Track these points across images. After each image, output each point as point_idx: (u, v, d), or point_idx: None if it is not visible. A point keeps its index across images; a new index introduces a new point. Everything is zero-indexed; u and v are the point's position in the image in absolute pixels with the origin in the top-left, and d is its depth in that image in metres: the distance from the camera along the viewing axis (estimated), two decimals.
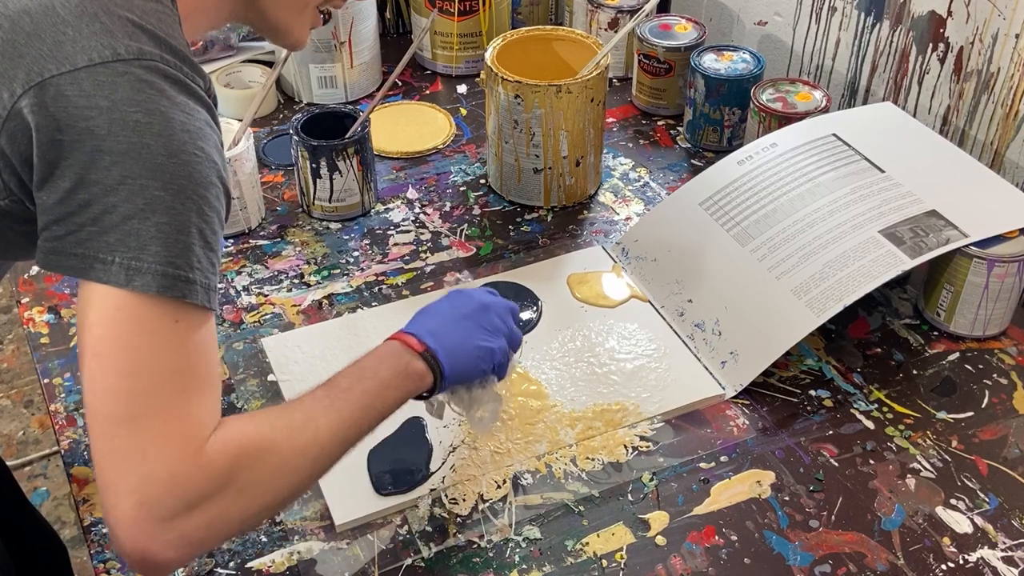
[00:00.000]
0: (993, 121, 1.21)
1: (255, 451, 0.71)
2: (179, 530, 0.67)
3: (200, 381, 0.70)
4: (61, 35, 0.70)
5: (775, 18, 1.48)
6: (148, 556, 0.67)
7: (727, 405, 1.04)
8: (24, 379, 2.27)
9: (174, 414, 0.68)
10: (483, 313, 0.89)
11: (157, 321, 0.68)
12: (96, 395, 0.68)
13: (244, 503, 0.71)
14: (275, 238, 1.25)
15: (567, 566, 0.90)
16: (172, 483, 0.67)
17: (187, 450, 0.68)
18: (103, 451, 0.67)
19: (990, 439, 1.01)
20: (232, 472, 0.69)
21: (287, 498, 0.75)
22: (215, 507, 0.69)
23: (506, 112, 1.24)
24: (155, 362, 0.68)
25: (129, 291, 0.67)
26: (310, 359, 1.08)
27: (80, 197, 0.68)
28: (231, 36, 1.48)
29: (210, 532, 0.69)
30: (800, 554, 0.90)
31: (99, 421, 0.68)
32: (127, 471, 0.67)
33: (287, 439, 0.74)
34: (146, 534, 0.66)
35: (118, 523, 0.67)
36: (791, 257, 1.08)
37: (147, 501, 0.66)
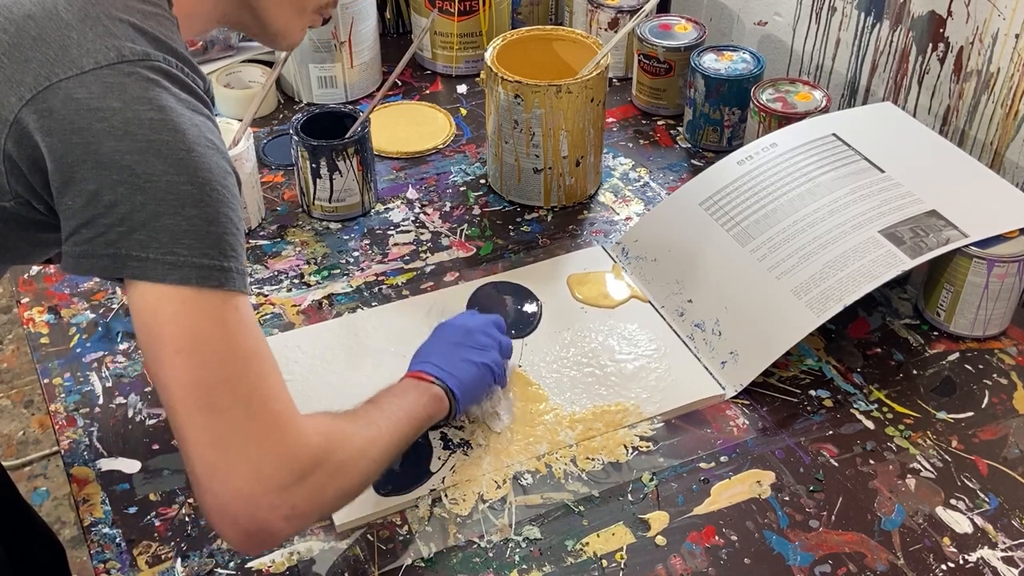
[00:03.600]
0: (993, 121, 1.21)
1: (340, 436, 0.78)
2: (292, 500, 0.72)
3: (271, 360, 0.74)
4: (66, 39, 0.71)
5: (775, 18, 1.48)
6: (264, 527, 0.71)
7: (727, 405, 1.04)
8: (24, 379, 2.27)
9: (264, 394, 0.72)
10: (469, 336, 0.98)
11: (221, 310, 0.71)
12: (184, 389, 0.70)
13: (338, 480, 0.76)
14: (275, 238, 1.25)
15: (567, 566, 0.90)
16: (283, 456, 0.71)
17: (289, 426, 0.72)
18: (202, 440, 0.70)
19: (990, 439, 1.01)
20: (327, 451, 0.75)
21: (361, 484, 0.81)
22: (318, 480, 0.73)
23: (506, 112, 1.24)
24: (231, 349, 0.71)
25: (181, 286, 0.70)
26: (310, 359, 1.08)
27: (106, 198, 0.69)
28: (231, 36, 1.48)
29: (312, 504, 0.74)
30: (800, 554, 0.90)
31: (192, 413, 0.70)
32: (236, 452, 0.70)
33: (358, 431, 0.81)
34: (264, 505, 0.71)
35: (234, 499, 0.70)
36: (791, 257, 1.08)
37: (262, 475, 0.70)
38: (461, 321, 1.00)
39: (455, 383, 0.94)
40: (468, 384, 0.95)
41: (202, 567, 0.90)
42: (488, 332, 0.99)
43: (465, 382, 0.95)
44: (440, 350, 0.96)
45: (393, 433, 0.84)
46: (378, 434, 0.82)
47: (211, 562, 0.90)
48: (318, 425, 0.76)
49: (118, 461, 0.99)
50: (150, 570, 0.90)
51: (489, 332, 1.00)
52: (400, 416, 0.86)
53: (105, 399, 1.05)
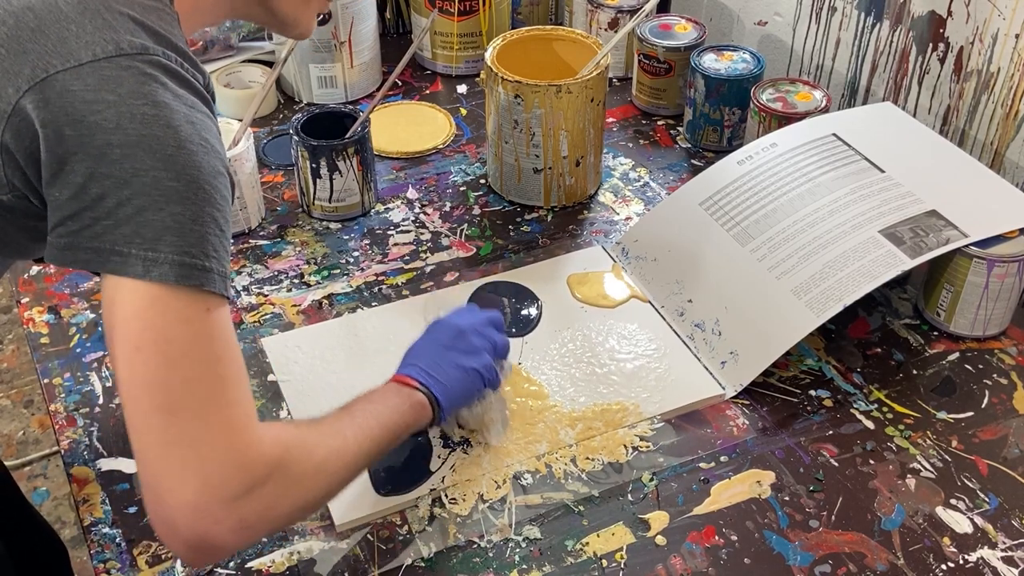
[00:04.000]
0: (993, 121, 1.21)
1: (299, 446, 0.74)
2: (239, 513, 0.69)
3: (237, 368, 0.72)
4: (65, 31, 0.71)
5: (775, 18, 1.48)
6: (208, 539, 0.68)
7: (727, 405, 1.04)
8: (24, 379, 2.27)
9: (222, 401, 0.70)
10: (461, 338, 0.94)
11: (189, 311, 0.70)
12: (140, 388, 0.69)
13: (292, 494, 0.73)
14: (275, 238, 1.25)
15: (567, 566, 0.90)
16: (233, 465, 0.69)
17: (242, 434, 0.70)
18: (154, 442, 0.68)
19: (990, 439, 1.01)
20: (283, 462, 0.72)
21: (321, 498, 0.78)
22: (270, 493, 0.70)
23: (506, 112, 1.24)
24: (194, 351, 0.69)
25: (154, 283, 0.68)
26: (310, 359, 1.08)
27: (93, 191, 0.69)
28: (231, 36, 1.48)
29: (263, 519, 0.71)
30: (800, 554, 0.90)
31: (146, 413, 0.69)
32: (185, 458, 0.68)
33: (322, 441, 0.77)
34: (209, 517, 0.68)
35: (178, 508, 0.67)
36: (791, 257, 1.08)
37: (210, 484, 0.68)
38: (455, 320, 0.97)
39: (440, 389, 0.90)
40: (454, 390, 0.92)
41: (202, 567, 0.90)
42: (482, 332, 0.96)
43: (451, 388, 0.91)
44: (429, 352, 0.93)
45: (361, 444, 0.80)
46: (343, 445, 0.79)
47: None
48: (277, 435, 0.73)
49: (118, 461, 0.99)
50: (150, 570, 0.90)
51: (484, 332, 0.96)
52: (371, 425, 0.83)
53: (105, 399, 1.05)
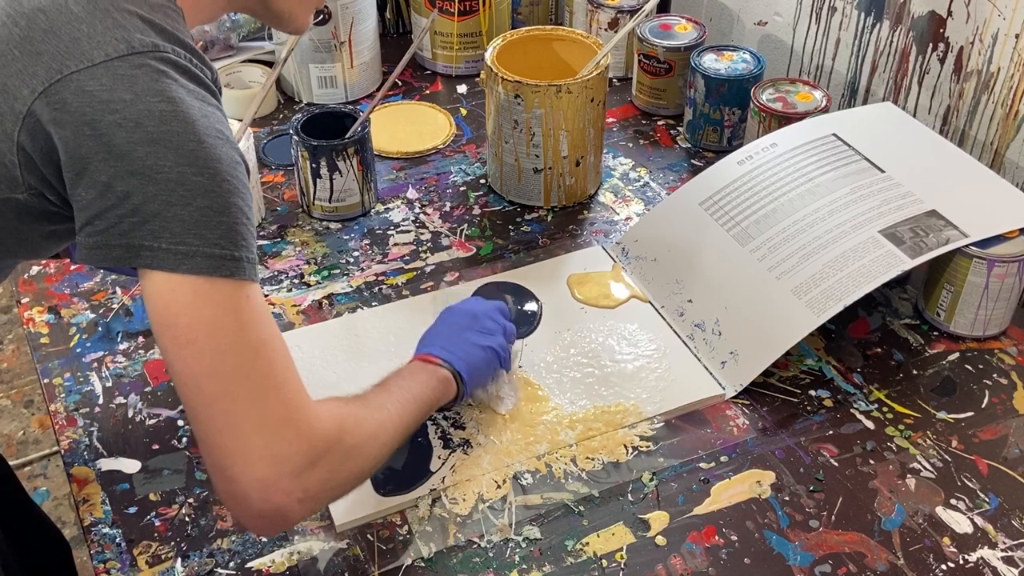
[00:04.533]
0: (993, 121, 1.21)
1: (352, 420, 0.79)
2: (305, 484, 0.73)
3: (282, 348, 0.75)
4: (76, 32, 0.72)
5: (775, 18, 1.48)
6: (280, 510, 0.73)
7: (727, 405, 1.04)
8: (24, 379, 2.27)
9: (277, 382, 0.73)
10: (475, 320, 0.99)
11: (233, 300, 0.72)
12: (197, 379, 0.72)
13: (350, 464, 0.78)
14: (275, 238, 1.25)
15: (567, 566, 0.90)
16: (297, 442, 0.73)
17: (302, 413, 0.74)
18: (218, 428, 0.72)
19: (990, 439, 1.01)
20: (340, 435, 0.76)
21: (373, 466, 0.82)
22: (330, 464, 0.75)
23: (506, 112, 1.24)
24: (243, 338, 0.72)
25: (192, 276, 0.71)
26: (310, 359, 1.08)
27: (118, 190, 0.70)
28: (231, 36, 1.48)
29: (325, 488, 0.76)
30: (800, 554, 0.90)
31: (207, 403, 0.72)
32: (252, 439, 0.72)
33: (370, 415, 0.82)
34: (280, 490, 0.72)
35: (251, 486, 0.72)
36: (791, 257, 1.08)
37: (278, 461, 0.72)
38: (467, 306, 1.02)
39: (463, 366, 0.95)
40: (475, 367, 0.96)
41: (202, 567, 0.90)
42: (493, 317, 1.01)
43: (472, 365, 0.96)
44: (447, 334, 0.98)
45: (403, 416, 0.85)
46: (388, 417, 0.83)
47: (211, 562, 0.90)
48: (330, 410, 0.77)
49: (118, 461, 0.99)
50: (150, 570, 0.90)
51: (494, 317, 1.01)
52: (408, 399, 0.87)
53: (105, 399, 1.05)
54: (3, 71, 0.72)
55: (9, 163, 0.73)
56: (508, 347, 1.02)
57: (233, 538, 0.92)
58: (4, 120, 0.72)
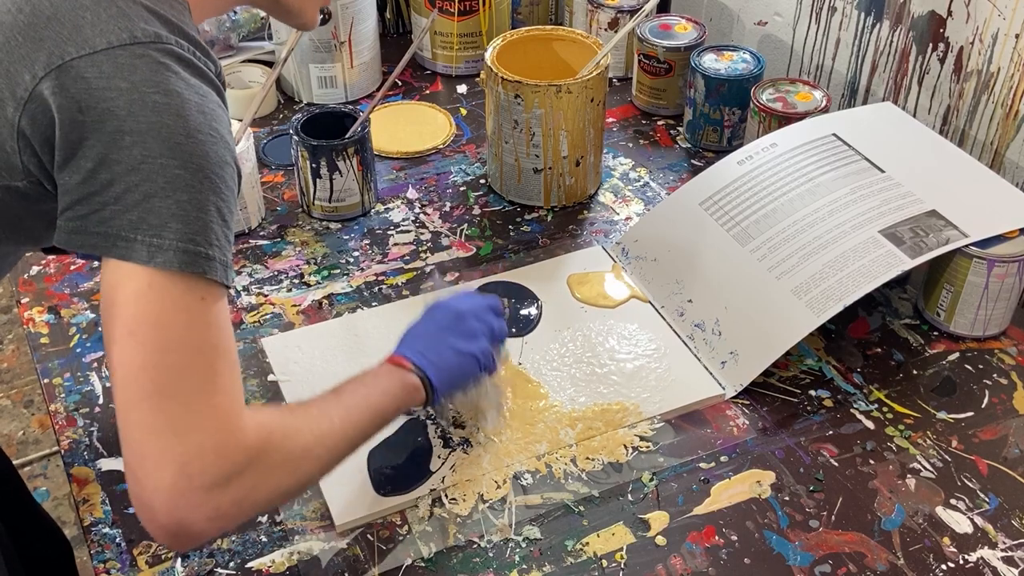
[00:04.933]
0: (993, 121, 1.21)
1: (283, 433, 0.75)
2: (215, 502, 0.70)
3: (228, 356, 0.73)
4: (80, 19, 0.72)
5: (775, 18, 1.48)
6: (183, 525, 0.69)
7: (727, 405, 1.04)
8: (24, 379, 2.27)
9: (210, 388, 0.70)
10: (459, 322, 0.94)
11: (186, 298, 0.71)
12: (130, 371, 0.69)
13: (272, 481, 0.74)
14: (275, 238, 1.25)
15: (567, 566, 0.90)
16: (214, 455, 0.69)
17: (226, 424, 0.71)
18: (139, 425, 0.69)
19: (990, 439, 1.01)
20: (264, 450, 0.72)
21: (304, 483, 0.78)
22: (248, 482, 0.71)
23: (506, 112, 1.24)
24: (188, 338, 0.70)
25: (155, 268, 0.70)
26: (310, 359, 1.08)
27: (102, 177, 0.70)
28: (231, 36, 1.48)
29: (240, 507, 0.72)
30: (800, 554, 0.90)
31: (134, 397, 0.69)
32: (168, 443, 0.69)
33: (307, 427, 0.77)
34: (185, 503, 0.68)
35: (156, 493, 0.68)
36: (791, 257, 1.08)
37: (189, 471, 0.68)
38: (454, 303, 0.96)
39: (434, 371, 0.90)
40: (448, 373, 0.91)
41: (202, 567, 0.90)
42: (481, 316, 0.95)
43: (445, 371, 0.91)
44: (426, 333, 0.93)
45: (348, 428, 0.81)
46: (329, 430, 0.79)
47: (211, 562, 0.90)
48: (262, 422, 0.74)
49: (118, 461, 0.99)
50: (150, 570, 0.90)
51: (482, 316, 0.96)
52: (361, 409, 0.83)
53: (105, 399, 1.05)
54: (7, 57, 0.72)
55: (10, 149, 0.73)
56: (493, 351, 0.96)
57: (233, 538, 0.92)
58: (6, 105, 0.72)
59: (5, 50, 0.72)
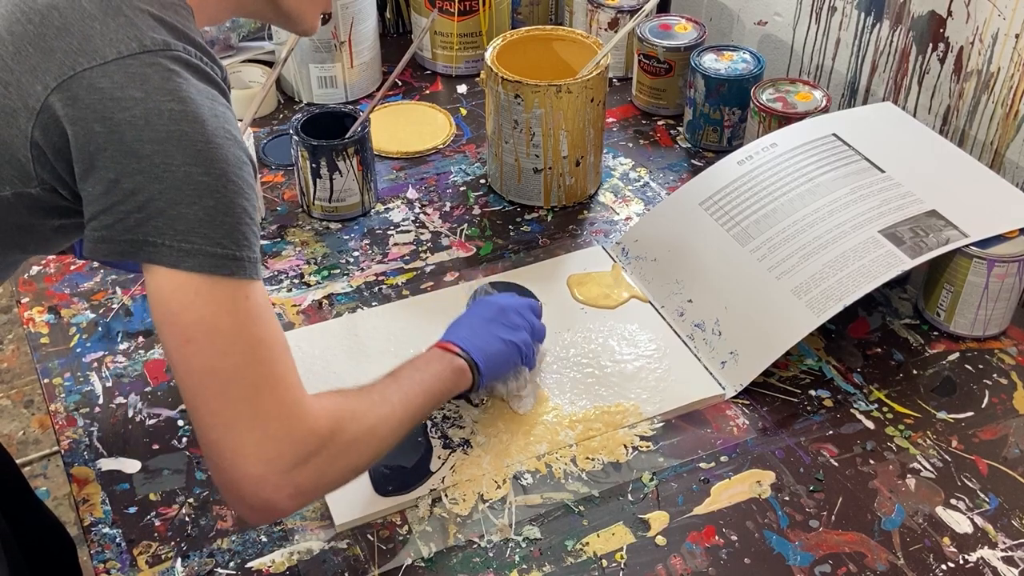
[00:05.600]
0: (993, 121, 1.21)
1: (348, 416, 0.80)
2: (295, 481, 0.75)
3: (280, 346, 0.76)
4: (89, 29, 0.73)
5: (775, 18, 1.48)
6: (271, 505, 0.75)
7: (727, 405, 1.04)
8: (24, 379, 2.27)
9: (273, 382, 0.75)
10: (503, 314, 1.00)
11: (231, 300, 0.73)
12: (195, 376, 0.73)
13: (342, 461, 0.79)
14: (275, 238, 1.25)
15: (567, 566, 0.90)
16: (287, 442, 0.75)
17: (292, 412, 0.75)
18: (212, 425, 0.74)
19: (990, 439, 1.01)
20: (333, 432, 0.77)
21: (370, 460, 0.83)
22: (321, 462, 0.77)
23: (506, 112, 1.24)
24: (243, 338, 0.74)
25: (194, 274, 0.72)
26: (310, 359, 1.08)
27: (125, 186, 0.72)
28: (231, 36, 1.48)
29: (317, 484, 0.78)
30: (800, 554, 0.90)
31: (203, 399, 0.74)
32: (244, 436, 0.73)
33: (370, 409, 0.83)
34: (271, 486, 0.74)
35: (242, 481, 0.74)
36: (791, 257, 1.08)
37: (268, 459, 0.74)
38: (497, 299, 1.03)
39: (480, 356, 0.95)
40: (493, 359, 0.97)
41: (202, 567, 0.90)
42: (522, 313, 1.02)
43: (491, 356, 0.96)
44: (471, 323, 0.99)
45: (406, 409, 0.86)
46: (391, 411, 0.84)
47: (211, 562, 0.90)
48: (327, 406, 0.78)
49: (118, 461, 0.99)
50: (150, 570, 0.90)
51: (523, 314, 1.02)
52: (416, 391, 0.88)
53: (105, 399, 1.05)
54: (17, 68, 0.73)
55: (23, 158, 0.74)
56: (534, 345, 1.02)
57: (233, 538, 0.92)
58: (18, 116, 0.73)
59: (16, 60, 0.73)
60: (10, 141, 0.74)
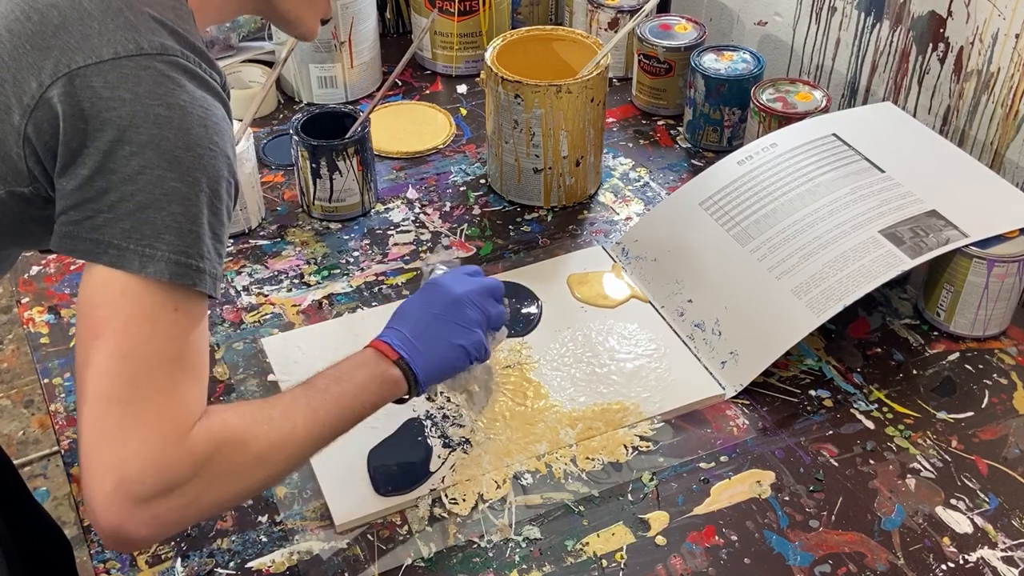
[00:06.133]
0: (993, 121, 1.21)
1: (235, 441, 0.73)
2: (154, 511, 0.69)
3: (191, 369, 0.72)
4: (88, 28, 0.73)
5: (775, 18, 1.48)
6: (121, 533, 0.69)
7: (727, 405, 1.04)
8: (24, 379, 2.27)
9: (164, 399, 0.70)
10: (455, 308, 0.90)
11: (157, 307, 0.71)
12: (91, 374, 0.70)
13: (218, 490, 0.73)
14: (275, 238, 1.25)
15: (567, 566, 0.90)
16: (154, 466, 0.69)
17: (172, 435, 0.70)
18: (90, 429, 0.69)
19: (990, 439, 1.01)
20: (212, 459, 0.72)
21: (257, 488, 0.78)
22: (191, 492, 0.71)
23: (506, 112, 1.24)
24: (152, 347, 0.71)
25: (137, 276, 0.70)
26: (310, 359, 1.08)
27: (98, 184, 0.71)
28: (231, 36, 1.48)
29: (182, 515, 0.72)
30: (800, 554, 0.90)
31: (89, 400, 0.70)
32: (111, 450, 0.69)
33: (266, 432, 0.76)
34: (122, 512, 0.69)
35: (95, 498, 0.69)
36: (791, 257, 1.08)
37: (126, 481, 0.68)
38: (451, 286, 0.92)
39: (421, 362, 0.87)
40: (436, 366, 0.88)
41: (202, 567, 0.90)
42: (478, 302, 0.92)
43: (432, 363, 0.88)
44: (417, 318, 0.89)
45: (311, 430, 0.79)
46: (290, 434, 0.77)
47: (211, 562, 0.90)
48: (213, 429, 0.72)
49: None
50: (150, 570, 0.90)
51: (479, 302, 0.92)
52: (329, 407, 0.80)
53: None
54: (15, 64, 0.73)
55: (16, 155, 0.74)
56: (489, 337, 0.93)
57: (233, 538, 0.92)
58: (12, 112, 0.73)
59: (13, 58, 0.73)
60: (3, 138, 0.74)
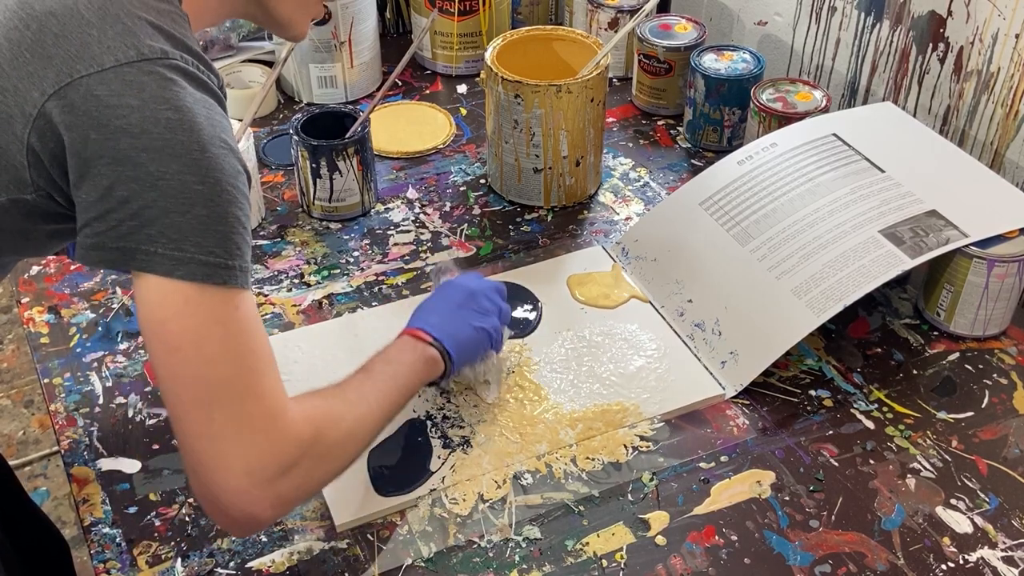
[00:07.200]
0: (993, 121, 1.21)
1: (329, 421, 0.80)
2: (277, 491, 0.75)
3: (266, 356, 0.76)
4: (87, 36, 0.73)
5: (775, 18, 1.48)
6: (253, 516, 0.75)
7: (727, 405, 1.04)
8: (24, 379, 2.27)
9: (256, 392, 0.75)
10: (473, 299, 0.99)
11: (221, 310, 0.73)
12: (180, 385, 0.73)
13: (324, 465, 0.80)
14: (275, 238, 1.25)
15: (567, 566, 0.90)
16: (271, 452, 0.75)
17: (277, 422, 0.75)
18: (198, 434, 0.74)
19: (990, 439, 1.01)
20: (315, 439, 0.77)
21: (350, 461, 0.84)
22: (303, 469, 0.77)
23: (506, 112, 1.24)
24: (229, 348, 0.74)
25: (185, 282, 0.72)
26: (310, 359, 1.08)
27: (119, 194, 0.72)
28: (231, 36, 1.48)
29: (299, 491, 0.78)
30: (800, 554, 0.90)
31: (188, 408, 0.73)
32: (228, 447, 0.73)
33: (349, 411, 0.83)
34: (252, 498, 0.74)
35: (226, 493, 0.74)
36: (791, 257, 1.08)
37: (251, 470, 0.74)
38: (465, 282, 1.02)
39: (452, 344, 0.95)
40: (465, 347, 0.97)
41: (202, 567, 0.90)
42: (490, 297, 1.01)
43: (462, 344, 0.96)
44: (442, 309, 0.98)
45: (382, 406, 0.86)
46: (368, 411, 0.84)
47: (211, 562, 0.90)
48: (307, 412, 0.78)
49: (118, 461, 0.99)
50: (150, 570, 0.90)
51: (491, 297, 1.01)
52: (391, 387, 0.88)
53: (105, 399, 1.05)
54: (14, 74, 0.73)
55: (19, 164, 0.74)
56: (501, 329, 1.02)
57: (233, 538, 0.92)
58: (14, 122, 0.73)
59: (13, 67, 0.73)
60: (6, 147, 0.74)
